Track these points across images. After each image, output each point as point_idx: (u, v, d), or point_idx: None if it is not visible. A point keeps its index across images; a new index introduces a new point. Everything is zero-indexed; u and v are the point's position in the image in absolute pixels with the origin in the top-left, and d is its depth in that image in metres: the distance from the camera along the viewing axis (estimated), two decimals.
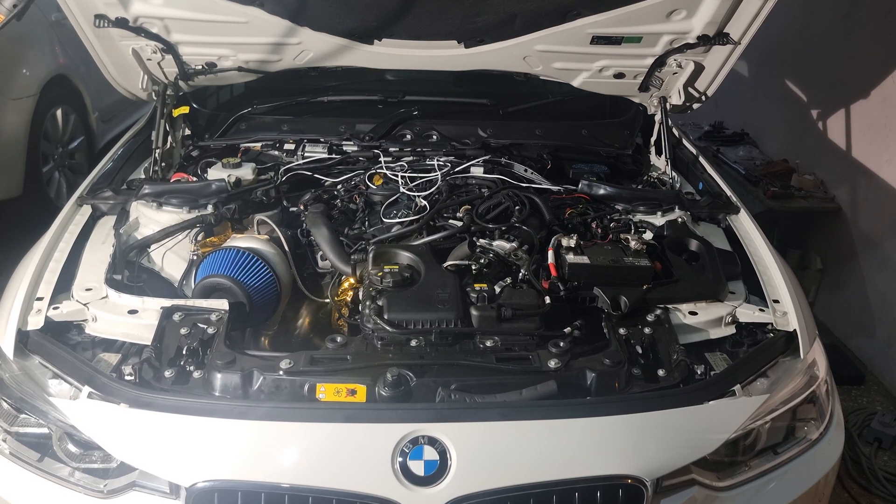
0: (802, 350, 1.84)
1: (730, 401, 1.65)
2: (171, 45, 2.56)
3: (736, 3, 2.40)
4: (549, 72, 2.77)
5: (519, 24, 2.46)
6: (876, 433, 3.11)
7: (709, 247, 2.14)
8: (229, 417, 1.51)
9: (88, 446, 1.59)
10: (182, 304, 1.84)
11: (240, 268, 2.02)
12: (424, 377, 1.59)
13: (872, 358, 3.70)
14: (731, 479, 1.66)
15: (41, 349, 1.70)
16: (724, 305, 1.93)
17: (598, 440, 1.55)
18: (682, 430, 1.61)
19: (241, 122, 2.93)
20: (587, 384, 1.63)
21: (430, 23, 2.43)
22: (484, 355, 1.68)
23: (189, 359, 1.68)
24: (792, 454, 1.75)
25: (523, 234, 2.14)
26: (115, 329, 1.79)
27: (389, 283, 1.82)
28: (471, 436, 1.50)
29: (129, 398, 1.54)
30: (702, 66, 2.72)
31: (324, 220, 2.24)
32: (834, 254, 3.98)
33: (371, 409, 1.53)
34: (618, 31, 2.50)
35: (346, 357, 1.65)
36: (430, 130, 2.89)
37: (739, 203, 2.49)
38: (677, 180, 2.73)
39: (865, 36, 3.76)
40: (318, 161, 2.68)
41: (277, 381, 1.59)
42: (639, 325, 1.82)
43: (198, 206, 2.27)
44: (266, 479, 1.46)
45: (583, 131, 3.00)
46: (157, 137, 2.63)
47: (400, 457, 1.47)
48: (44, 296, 1.85)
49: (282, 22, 2.44)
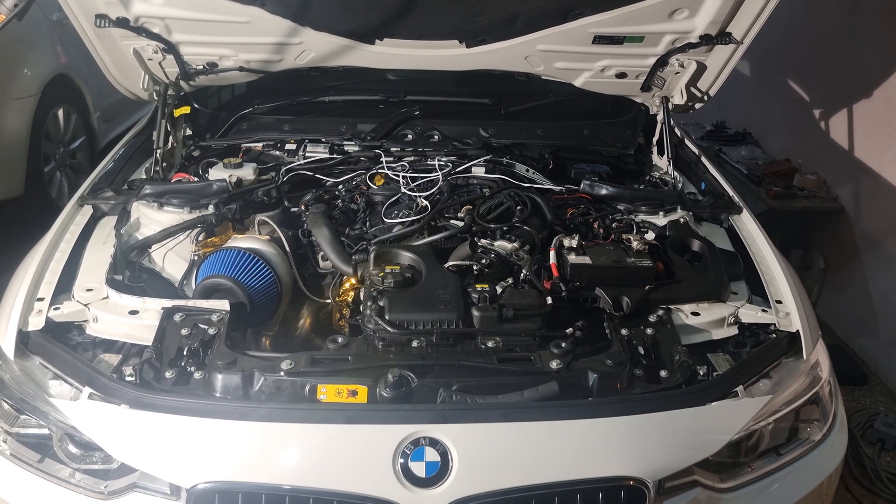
0: (805, 351, 1.83)
1: (732, 402, 1.65)
2: (173, 45, 2.55)
3: (738, 3, 2.39)
4: (551, 71, 2.76)
5: (520, 23, 2.46)
6: (879, 434, 3.10)
7: (711, 247, 2.13)
8: (230, 418, 1.50)
9: (89, 447, 1.58)
10: (183, 304, 1.84)
11: (241, 268, 2.02)
12: (426, 378, 1.59)
13: (875, 358, 3.69)
14: (733, 481, 1.65)
15: (42, 350, 1.70)
16: (727, 306, 1.92)
17: (600, 441, 1.54)
18: (685, 432, 1.61)
19: (242, 122, 2.93)
20: (589, 385, 1.63)
21: (431, 22, 2.42)
22: (485, 356, 1.67)
23: (190, 359, 1.68)
24: (795, 455, 1.74)
25: (525, 234, 2.14)
26: (116, 330, 1.79)
27: (391, 284, 1.81)
28: (472, 437, 1.50)
29: (130, 399, 1.54)
30: (704, 66, 2.72)
31: (325, 221, 2.24)
32: (837, 254, 3.97)
33: (372, 410, 1.53)
34: (620, 30, 2.50)
35: (347, 358, 1.65)
36: (432, 130, 2.88)
37: (742, 203, 2.48)
38: (679, 180, 2.72)
39: (869, 35, 3.75)
40: (320, 161, 2.67)
41: (278, 381, 1.58)
42: (641, 326, 1.81)
43: (199, 207, 2.27)
44: (267, 481, 1.46)
45: (585, 131, 3.00)
46: (158, 137, 2.63)
47: (401, 458, 1.46)
48: (44, 296, 1.85)
49: (283, 22, 2.43)
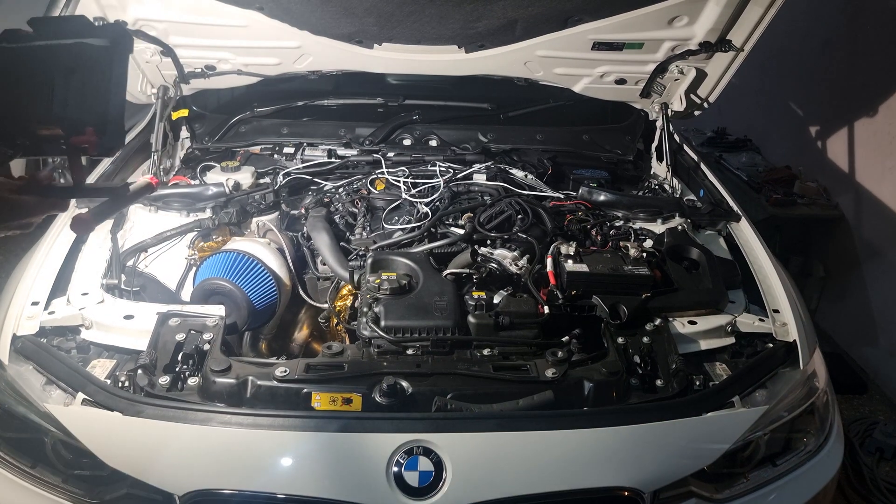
0: (802, 361, 1.82)
1: (728, 412, 1.64)
2: (170, 48, 2.55)
3: (738, 10, 2.38)
4: (550, 77, 2.76)
5: (520, 29, 2.45)
6: (877, 443, 3.09)
7: (709, 255, 2.12)
8: (223, 426, 1.49)
9: (82, 453, 1.57)
10: (178, 309, 1.83)
11: (239, 271, 2.01)
12: (421, 386, 1.58)
13: (875, 367, 3.68)
14: (729, 491, 1.64)
15: (35, 355, 1.69)
16: (724, 315, 1.91)
17: (595, 451, 1.54)
18: (680, 442, 1.60)
19: (240, 126, 2.93)
20: (585, 394, 1.62)
21: (430, 27, 2.42)
22: (481, 364, 1.66)
23: (184, 365, 1.67)
24: (791, 466, 1.73)
25: (525, 243, 2.13)
26: (111, 334, 1.78)
27: (387, 291, 1.81)
28: (466, 446, 1.49)
29: (123, 405, 1.53)
30: (704, 73, 2.71)
31: (324, 225, 2.24)
32: (836, 261, 3.96)
33: (366, 418, 1.52)
34: (619, 37, 2.49)
35: (342, 365, 1.64)
36: (430, 135, 2.88)
37: (740, 211, 2.48)
38: (678, 187, 2.72)
39: (869, 43, 3.75)
40: (318, 165, 2.67)
41: (272, 389, 1.57)
42: (637, 335, 1.80)
43: (196, 210, 2.26)
44: (260, 489, 1.45)
45: (584, 137, 3.00)
46: (155, 140, 2.63)
47: (395, 467, 1.45)
48: (39, 300, 1.84)
49: (281, 26, 2.43)
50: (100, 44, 1.07)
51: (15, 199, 1.07)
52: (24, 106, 1.05)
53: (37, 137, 1.06)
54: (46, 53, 1.06)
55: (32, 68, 1.06)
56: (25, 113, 1.05)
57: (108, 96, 1.08)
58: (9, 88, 1.05)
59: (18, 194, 1.08)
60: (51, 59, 1.05)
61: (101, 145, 1.08)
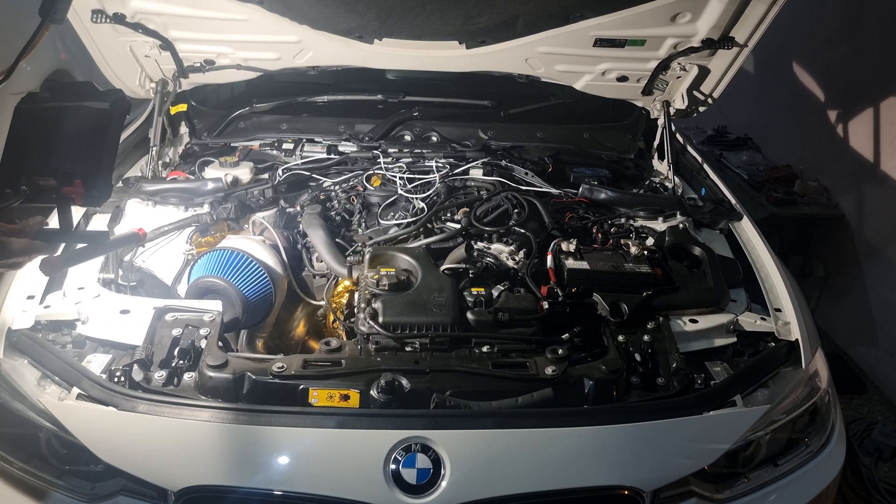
0: (804, 360, 1.81)
1: (729, 411, 1.62)
2: (169, 42, 2.53)
3: (741, 7, 2.36)
4: (551, 74, 2.74)
5: (521, 25, 2.44)
6: (876, 444, 3.08)
7: (710, 253, 2.11)
8: (219, 421, 1.48)
9: (76, 448, 1.55)
10: (175, 304, 1.82)
11: (234, 269, 2.00)
12: (419, 383, 1.56)
13: (874, 367, 3.67)
14: (729, 491, 1.63)
15: (30, 349, 1.67)
16: (726, 314, 1.90)
17: (595, 450, 1.52)
18: (681, 441, 1.58)
19: (239, 121, 2.91)
20: (584, 392, 1.60)
21: (431, 22, 2.40)
22: (480, 361, 1.65)
23: (180, 360, 1.66)
24: (792, 466, 1.72)
25: (521, 237, 2.12)
26: (107, 329, 1.76)
27: (385, 286, 1.79)
28: (465, 443, 1.48)
29: (119, 400, 1.51)
30: (706, 70, 2.69)
31: (320, 222, 2.22)
32: (836, 261, 3.95)
33: (364, 415, 1.51)
34: (621, 33, 2.48)
35: (339, 361, 1.62)
36: (431, 132, 2.87)
37: (742, 209, 2.46)
38: (680, 185, 2.70)
39: (871, 41, 3.73)
40: (317, 161, 2.65)
41: (269, 384, 1.56)
42: (638, 333, 1.79)
43: (194, 206, 2.25)
44: (256, 486, 1.44)
45: (585, 135, 2.98)
46: (154, 135, 2.61)
47: (392, 464, 1.44)
48: (34, 294, 1.82)
49: (281, 20, 2.41)
50: (101, 107, 1.24)
51: (8, 241, 1.18)
52: (32, 157, 1.22)
53: (37, 186, 1.20)
54: (56, 114, 1.23)
55: (44, 126, 1.23)
56: (32, 163, 1.21)
57: (102, 152, 1.24)
58: (23, 142, 1.23)
59: (11, 237, 1.20)
60: (59, 119, 1.23)
61: (89, 196, 1.22)
